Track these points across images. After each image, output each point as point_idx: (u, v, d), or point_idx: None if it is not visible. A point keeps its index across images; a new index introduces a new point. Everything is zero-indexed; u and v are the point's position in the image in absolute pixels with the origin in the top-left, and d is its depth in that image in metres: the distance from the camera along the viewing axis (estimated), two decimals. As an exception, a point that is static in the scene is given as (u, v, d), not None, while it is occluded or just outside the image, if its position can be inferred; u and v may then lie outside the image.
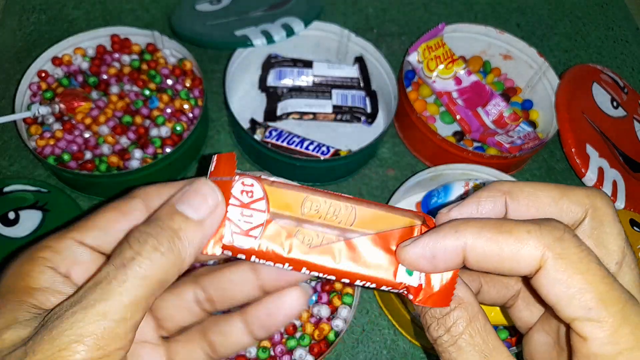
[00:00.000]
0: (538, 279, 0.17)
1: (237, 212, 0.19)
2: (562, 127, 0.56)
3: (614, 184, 0.56)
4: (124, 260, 0.17)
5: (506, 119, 0.55)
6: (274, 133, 0.55)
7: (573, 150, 0.55)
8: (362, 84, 0.60)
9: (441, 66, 0.54)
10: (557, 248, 0.17)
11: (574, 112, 0.57)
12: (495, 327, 0.48)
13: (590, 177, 0.55)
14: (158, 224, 0.18)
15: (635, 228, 0.53)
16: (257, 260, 0.19)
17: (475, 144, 0.59)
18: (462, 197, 0.48)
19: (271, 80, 0.60)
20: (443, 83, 0.57)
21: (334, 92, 0.59)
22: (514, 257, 0.17)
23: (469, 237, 0.18)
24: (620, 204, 0.55)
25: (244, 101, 0.60)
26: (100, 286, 0.16)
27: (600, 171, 0.56)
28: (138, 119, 0.53)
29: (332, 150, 0.54)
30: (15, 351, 0.16)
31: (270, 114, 0.58)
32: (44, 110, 0.52)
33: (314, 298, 0.47)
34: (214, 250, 0.19)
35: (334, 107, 0.58)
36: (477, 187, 0.49)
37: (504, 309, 0.24)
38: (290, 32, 0.55)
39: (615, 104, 0.61)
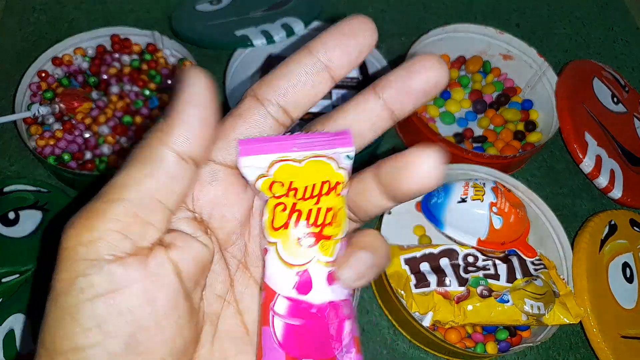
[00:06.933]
0: None
1: None
2: (561, 114, 0.56)
3: (612, 172, 0.56)
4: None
5: None
6: (274, 133, 0.55)
7: (571, 135, 0.55)
8: (362, 84, 0.60)
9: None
10: None
11: (573, 102, 0.57)
12: (495, 328, 0.48)
13: (588, 163, 0.55)
14: None
15: (635, 228, 0.53)
16: None
17: (475, 145, 0.59)
18: (463, 199, 0.48)
19: (271, 81, 0.60)
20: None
21: (334, 92, 0.59)
22: None
23: None
24: (618, 192, 0.55)
25: (244, 101, 0.60)
26: None
27: (598, 159, 0.55)
28: (138, 119, 0.53)
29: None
30: None
31: (270, 114, 0.58)
32: (44, 110, 0.52)
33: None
34: None
35: (334, 107, 0.58)
36: (477, 187, 0.49)
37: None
38: (290, 32, 0.55)
39: (615, 99, 0.61)
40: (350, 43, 0.18)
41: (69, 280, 0.15)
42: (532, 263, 0.48)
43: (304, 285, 0.18)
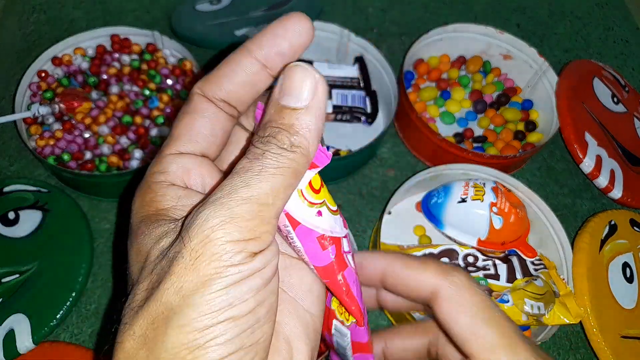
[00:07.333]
0: (438, 306, 0.23)
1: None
2: (561, 114, 0.56)
3: (612, 172, 0.56)
4: (256, 155, 0.17)
5: None
6: (274, 133, 0.55)
7: (571, 135, 0.55)
8: (362, 84, 0.60)
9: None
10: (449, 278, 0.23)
11: (574, 101, 0.57)
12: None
13: (588, 164, 0.55)
14: (272, 126, 0.18)
15: (635, 228, 0.53)
16: None
17: (476, 145, 0.59)
18: (463, 199, 0.48)
19: (271, 80, 0.60)
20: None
21: (334, 92, 0.59)
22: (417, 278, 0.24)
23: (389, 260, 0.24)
24: (618, 193, 0.55)
25: (244, 101, 0.60)
26: (239, 177, 0.17)
27: (598, 159, 0.55)
28: (138, 119, 0.53)
29: (332, 150, 0.54)
30: (174, 245, 0.17)
31: (270, 114, 0.58)
32: (44, 110, 0.52)
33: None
34: None
35: (334, 107, 0.58)
36: (477, 187, 0.49)
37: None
38: (290, 32, 0.55)
39: (615, 99, 0.61)
40: (284, 43, 0.19)
41: (219, 269, 0.16)
42: (532, 263, 0.48)
43: (344, 221, 0.22)
